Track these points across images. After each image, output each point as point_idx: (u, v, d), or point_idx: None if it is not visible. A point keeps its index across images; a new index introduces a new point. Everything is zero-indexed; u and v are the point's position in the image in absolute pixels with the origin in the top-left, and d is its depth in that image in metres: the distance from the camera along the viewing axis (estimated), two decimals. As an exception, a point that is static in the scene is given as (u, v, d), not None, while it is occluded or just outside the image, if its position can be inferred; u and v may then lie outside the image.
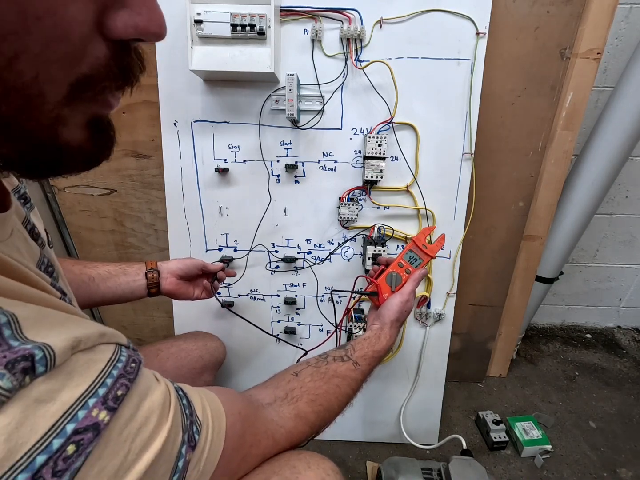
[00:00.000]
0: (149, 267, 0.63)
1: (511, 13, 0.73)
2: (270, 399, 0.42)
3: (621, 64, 0.95)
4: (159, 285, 0.63)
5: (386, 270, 0.63)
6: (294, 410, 0.42)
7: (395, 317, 0.58)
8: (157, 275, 0.63)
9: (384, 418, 0.91)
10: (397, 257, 0.63)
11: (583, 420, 1.01)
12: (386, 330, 0.57)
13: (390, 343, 0.57)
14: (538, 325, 1.38)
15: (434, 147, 0.74)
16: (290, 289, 0.83)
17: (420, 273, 0.62)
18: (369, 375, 0.54)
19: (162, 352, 0.65)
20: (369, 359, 0.53)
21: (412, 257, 0.63)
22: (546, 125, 0.81)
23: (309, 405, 0.43)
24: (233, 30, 0.63)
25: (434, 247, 0.63)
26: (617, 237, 1.23)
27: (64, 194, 0.94)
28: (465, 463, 0.74)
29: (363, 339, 0.56)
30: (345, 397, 0.48)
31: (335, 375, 0.48)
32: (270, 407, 0.41)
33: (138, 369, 0.25)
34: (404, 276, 0.62)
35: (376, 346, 0.55)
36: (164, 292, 0.64)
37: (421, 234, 0.63)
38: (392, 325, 0.58)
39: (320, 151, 0.74)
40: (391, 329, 0.58)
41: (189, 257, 0.70)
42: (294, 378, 0.46)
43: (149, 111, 0.82)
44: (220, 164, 0.75)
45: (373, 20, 0.67)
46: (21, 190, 0.36)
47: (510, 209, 0.89)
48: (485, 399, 1.08)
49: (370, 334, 0.57)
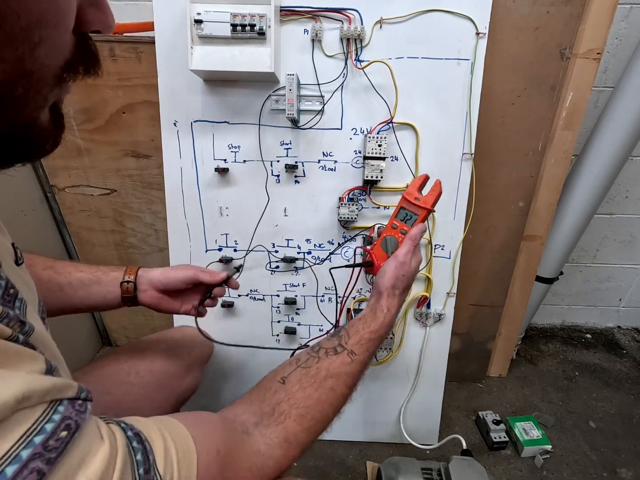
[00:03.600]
0: (125, 277, 0.56)
1: (511, 13, 0.73)
2: (256, 418, 0.38)
3: (621, 64, 0.95)
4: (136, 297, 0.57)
5: (380, 237, 0.57)
6: (282, 432, 0.38)
7: (391, 284, 0.51)
8: (134, 287, 0.56)
9: (384, 418, 0.91)
10: (389, 219, 0.57)
11: (583, 420, 1.01)
12: (382, 302, 0.50)
13: (390, 316, 0.50)
14: (538, 325, 1.38)
15: (434, 147, 0.74)
16: (290, 289, 0.83)
17: (416, 230, 0.54)
18: (370, 361, 0.48)
19: (150, 349, 0.65)
20: (366, 343, 0.47)
21: (407, 215, 0.56)
22: (546, 125, 0.81)
23: (298, 423, 0.39)
24: (233, 30, 0.63)
25: (428, 197, 0.55)
26: (617, 237, 1.23)
27: (64, 194, 0.94)
28: (465, 463, 0.74)
29: (358, 318, 0.50)
30: (342, 398, 0.44)
31: (328, 376, 0.43)
32: (256, 431, 0.37)
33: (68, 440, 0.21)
34: (400, 238, 0.55)
35: (373, 325, 0.48)
36: (142, 304, 0.58)
37: (412, 186, 0.56)
38: (389, 294, 0.51)
39: (320, 151, 0.74)
40: (388, 299, 0.51)
41: (182, 266, 0.62)
42: (281, 387, 0.41)
43: (149, 111, 0.82)
44: (220, 164, 0.75)
45: (373, 20, 0.67)
46: None
47: (510, 209, 0.89)
48: (485, 399, 1.08)
49: (366, 312, 0.51)
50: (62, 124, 0.27)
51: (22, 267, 0.34)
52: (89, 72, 0.26)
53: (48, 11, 0.19)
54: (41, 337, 0.27)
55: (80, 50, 0.24)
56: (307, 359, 0.44)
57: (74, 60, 0.23)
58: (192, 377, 0.68)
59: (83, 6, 0.23)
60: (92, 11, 0.23)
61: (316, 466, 0.87)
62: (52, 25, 0.20)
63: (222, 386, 0.90)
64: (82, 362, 1.06)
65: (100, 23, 0.24)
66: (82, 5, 0.22)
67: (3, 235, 0.34)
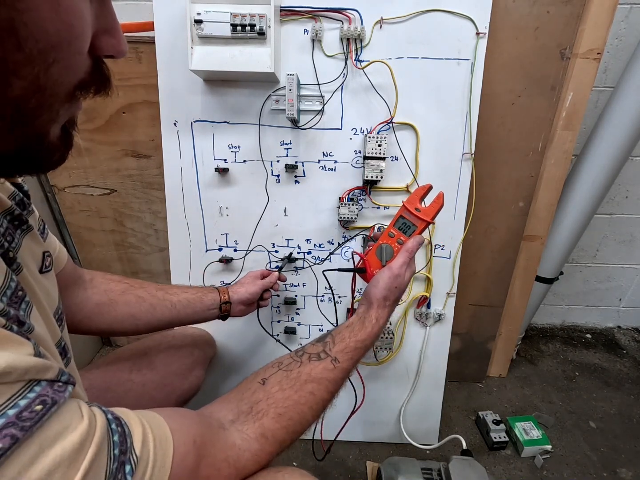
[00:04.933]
0: (223, 300, 0.66)
1: (511, 13, 0.73)
2: (233, 415, 0.39)
3: (621, 64, 0.95)
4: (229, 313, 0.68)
5: (376, 244, 0.56)
6: (259, 428, 0.38)
7: (383, 295, 0.50)
8: (230, 305, 0.67)
9: (384, 418, 0.91)
10: (387, 226, 0.56)
11: (583, 421, 1.01)
12: (372, 313, 0.50)
13: (377, 327, 0.50)
14: (538, 325, 1.38)
15: (434, 147, 0.74)
16: (290, 289, 0.83)
17: (414, 242, 0.53)
18: (353, 369, 0.48)
19: (152, 349, 0.66)
20: (351, 352, 0.47)
21: (405, 225, 0.55)
22: (546, 125, 0.81)
23: (276, 421, 0.39)
24: (233, 30, 0.63)
25: (429, 209, 0.53)
26: (617, 237, 1.23)
27: (64, 194, 0.94)
28: (466, 463, 0.74)
29: (346, 326, 0.49)
30: (321, 402, 0.43)
31: (309, 380, 0.43)
32: (232, 427, 0.38)
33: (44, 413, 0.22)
34: (396, 247, 0.54)
35: (360, 334, 0.48)
36: (233, 316, 0.69)
37: (414, 195, 0.55)
38: (380, 305, 0.51)
39: (320, 151, 0.74)
40: (378, 310, 0.50)
41: (250, 278, 0.72)
42: (260, 387, 0.42)
43: (149, 111, 0.83)
44: (220, 164, 0.75)
45: (373, 20, 0.67)
46: (14, 212, 0.35)
47: (510, 209, 0.89)
48: (485, 399, 1.08)
49: (354, 319, 0.50)
50: (70, 142, 0.29)
51: (48, 275, 0.38)
52: (100, 92, 0.28)
53: (63, 37, 0.22)
54: (40, 337, 0.28)
55: (94, 72, 0.26)
56: (290, 363, 0.45)
57: (88, 81, 0.26)
58: (194, 377, 0.69)
59: (98, 33, 0.25)
60: (107, 38, 0.26)
61: (316, 466, 0.87)
62: (66, 48, 0.22)
63: (225, 386, 0.90)
64: (82, 361, 1.06)
65: (113, 49, 0.27)
66: (98, 33, 0.25)
67: (36, 244, 0.37)
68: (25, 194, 0.39)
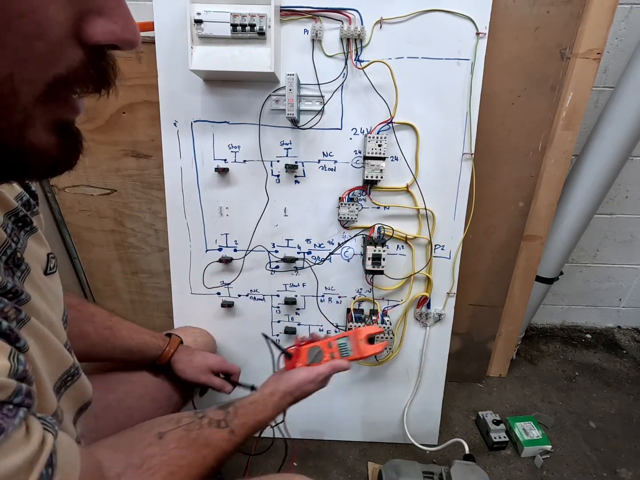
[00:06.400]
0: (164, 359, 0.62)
1: (511, 13, 0.73)
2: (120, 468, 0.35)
3: (621, 64, 0.95)
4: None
5: (315, 343, 0.59)
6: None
7: (290, 391, 0.52)
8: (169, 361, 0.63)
9: (384, 418, 0.91)
10: (333, 336, 0.61)
11: (583, 421, 1.01)
12: (275, 399, 0.51)
13: (274, 414, 0.51)
14: (538, 325, 1.38)
15: (434, 147, 0.74)
16: (290, 289, 0.83)
17: (343, 364, 0.56)
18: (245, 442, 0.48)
19: None
20: (248, 429, 0.47)
21: (345, 346, 0.59)
22: (546, 125, 0.81)
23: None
24: (233, 30, 0.63)
25: (369, 348, 0.58)
26: (617, 237, 1.23)
27: (64, 194, 0.94)
28: (468, 468, 0.73)
29: (249, 402, 0.50)
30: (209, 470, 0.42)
31: (206, 445, 0.42)
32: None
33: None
34: (326, 358, 0.57)
35: (259, 415, 0.49)
36: None
37: (367, 329, 0.60)
38: (284, 397, 0.52)
39: (320, 151, 0.74)
40: (280, 400, 0.52)
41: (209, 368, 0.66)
42: (156, 442, 0.39)
43: (149, 111, 0.82)
44: (220, 164, 0.75)
45: (373, 20, 0.67)
46: (19, 214, 0.34)
47: (510, 209, 0.89)
48: (485, 399, 1.08)
49: (258, 398, 0.51)
50: (71, 148, 0.24)
51: (52, 276, 0.37)
52: (99, 92, 0.23)
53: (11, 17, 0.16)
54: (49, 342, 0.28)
55: (88, 66, 0.21)
56: (190, 423, 0.44)
57: (77, 77, 0.21)
58: None
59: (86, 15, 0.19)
60: (103, 22, 0.20)
61: (316, 466, 0.87)
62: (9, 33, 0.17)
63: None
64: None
65: (113, 36, 0.20)
66: (85, 14, 0.19)
67: (41, 246, 0.36)
68: (32, 195, 0.38)
